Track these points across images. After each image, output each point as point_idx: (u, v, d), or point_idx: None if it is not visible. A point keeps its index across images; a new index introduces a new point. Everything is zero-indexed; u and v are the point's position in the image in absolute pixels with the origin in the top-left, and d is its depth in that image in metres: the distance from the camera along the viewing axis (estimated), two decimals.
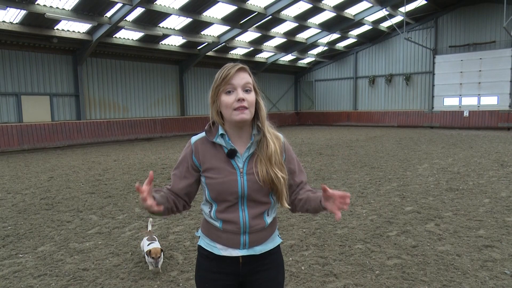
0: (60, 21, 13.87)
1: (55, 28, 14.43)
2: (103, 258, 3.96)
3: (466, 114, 21.25)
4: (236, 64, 1.50)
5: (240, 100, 1.44)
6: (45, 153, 13.66)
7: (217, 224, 1.54)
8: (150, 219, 2.45)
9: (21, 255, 4.08)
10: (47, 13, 12.70)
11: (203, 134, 1.57)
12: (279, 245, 1.67)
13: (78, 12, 13.66)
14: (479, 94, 21.18)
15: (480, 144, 13.34)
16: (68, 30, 14.83)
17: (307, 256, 3.92)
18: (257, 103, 1.53)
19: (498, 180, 7.32)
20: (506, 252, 3.87)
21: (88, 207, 5.98)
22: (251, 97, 1.48)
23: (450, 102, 22.13)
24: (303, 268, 3.64)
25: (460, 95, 21.75)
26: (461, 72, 21.54)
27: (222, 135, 1.51)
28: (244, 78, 1.48)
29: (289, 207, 1.58)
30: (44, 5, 12.79)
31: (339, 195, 1.41)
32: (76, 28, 14.91)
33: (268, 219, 1.57)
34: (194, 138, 1.58)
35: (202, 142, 1.55)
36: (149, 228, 2.28)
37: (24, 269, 3.72)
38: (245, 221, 1.51)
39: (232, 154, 1.50)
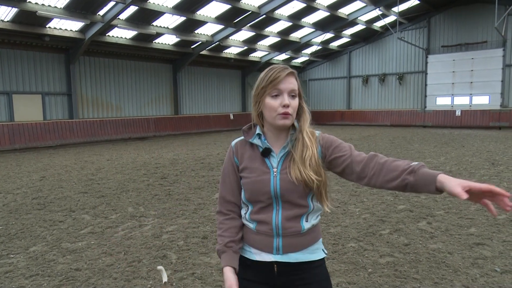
0: (52, 19, 13.74)
1: (47, 26, 14.30)
2: (95, 258, 3.94)
3: (458, 113, 21.45)
4: (285, 67, 1.46)
5: (286, 106, 1.43)
6: (37, 153, 13.54)
7: (252, 226, 1.51)
8: (160, 268, 2.07)
9: (12, 255, 4.04)
10: (39, 11, 12.57)
11: (242, 137, 1.57)
12: (323, 259, 1.54)
13: (71, 10, 13.55)
14: (471, 94, 21.39)
15: (472, 143, 13.47)
16: (60, 29, 14.70)
17: None
18: (300, 108, 1.52)
19: (489, 179, 7.40)
20: (496, 250, 3.92)
21: (80, 207, 5.94)
22: (295, 103, 1.47)
23: (443, 101, 22.32)
24: None
25: (452, 95, 21.96)
26: (453, 71, 21.74)
27: (259, 135, 1.51)
28: (292, 83, 1.46)
29: (329, 211, 1.52)
30: (36, 3, 12.67)
31: (481, 188, 1.18)
32: (68, 26, 14.78)
33: (306, 225, 1.48)
34: (234, 141, 1.59)
35: (241, 144, 1.56)
36: (164, 279, 1.89)
37: (15, 270, 3.68)
38: (278, 222, 1.45)
39: (266, 152, 1.49)
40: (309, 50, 25.05)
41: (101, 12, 14.19)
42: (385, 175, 1.37)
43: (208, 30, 18.23)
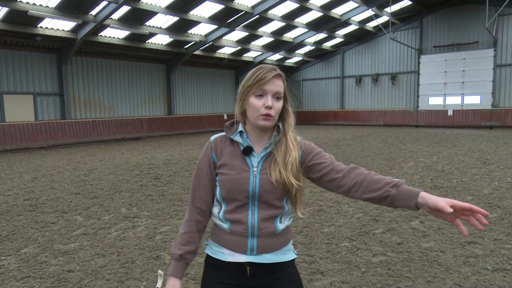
0: (44, 19, 13.62)
1: (38, 26, 14.17)
2: (88, 259, 3.91)
3: (450, 113, 21.64)
4: (273, 68, 1.46)
5: (268, 107, 1.42)
6: (29, 153, 13.40)
7: (225, 226, 1.48)
8: (160, 272, 1.95)
9: (3, 258, 4.00)
10: (30, 11, 12.45)
11: (223, 133, 1.56)
12: (293, 260, 1.55)
13: (62, 10, 13.43)
14: (462, 94, 21.59)
15: (464, 143, 13.60)
16: (52, 28, 14.57)
17: None
18: (285, 110, 1.51)
19: (481, 178, 7.48)
20: (488, 248, 3.96)
21: (73, 208, 5.89)
22: (279, 105, 1.46)
23: (435, 101, 22.51)
24: None
25: (445, 95, 22.15)
26: (445, 71, 21.93)
27: (241, 132, 1.50)
28: (278, 85, 1.45)
29: (302, 216, 1.53)
30: (27, 2, 12.55)
31: (461, 207, 1.24)
32: (60, 26, 14.66)
33: (280, 226, 1.48)
34: (214, 136, 1.57)
35: (221, 139, 1.54)
36: (158, 285, 1.81)
37: (6, 272, 3.64)
38: (254, 222, 1.44)
39: (247, 151, 1.47)
40: (302, 50, 25.12)
41: (93, 12, 14.09)
42: (367, 186, 1.41)
43: (201, 30, 18.20)
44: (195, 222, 1.53)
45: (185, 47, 19.45)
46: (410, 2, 20.70)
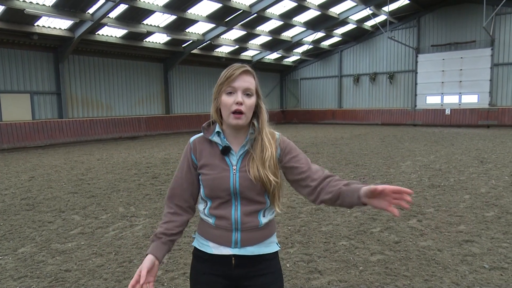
0: (41, 17, 13.56)
1: (35, 24, 14.10)
2: (86, 259, 3.90)
3: (447, 112, 21.70)
4: (242, 66, 1.50)
5: (238, 103, 1.46)
6: (26, 153, 13.35)
7: (210, 220, 1.55)
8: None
9: (0, 257, 3.98)
10: (26, 9, 12.39)
11: (201, 133, 1.60)
12: (277, 252, 1.62)
13: (59, 8, 13.38)
14: (460, 93, 21.65)
15: (461, 142, 13.64)
16: (49, 27, 14.50)
17: (292, 254, 3.94)
18: (258, 107, 1.55)
19: (478, 177, 7.50)
20: (485, 247, 3.97)
21: (70, 207, 5.88)
22: (250, 101, 1.49)
23: (432, 100, 22.56)
24: (288, 265, 3.67)
25: (442, 94, 22.20)
26: (443, 71, 21.98)
27: (218, 133, 1.54)
28: (247, 81, 1.48)
29: (280, 211, 1.58)
30: (24, 1, 12.49)
31: (391, 190, 1.30)
32: (57, 24, 14.59)
33: (263, 220, 1.55)
34: (193, 137, 1.62)
35: (200, 141, 1.59)
36: None
37: (3, 271, 3.63)
38: (237, 217, 1.51)
39: (226, 151, 1.52)
40: (300, 49, 25.11)
41: (91, 11, 14.04)
42: (328, 188, 1.48)
43: (199, 28, 18.16)
44: (171, 214, 1.59)
45: (182, 46, 19.41)
46: (407, 1, 20.72)
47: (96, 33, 15.93)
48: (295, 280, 3.35)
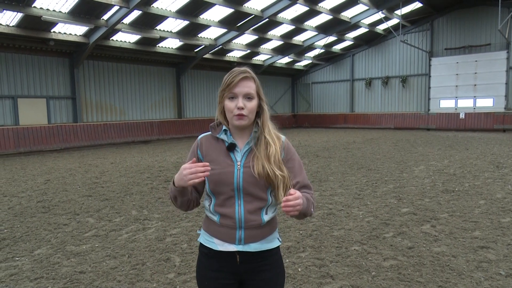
0: (57, 23, 13.86)
1: (51, 30, 14.41)
2: (100, 261, 3.95)
3: (462, 116, 21.37)
4: (241, 71, 1.58)
5: (239, 108, 1.55)
6: (42, 156, 13.61)
7: (215, 218, 1.62)
8: None
9: (17, 258, 4.07)
10: (43, 16, 12.68)
11: (209, 132, 1.70)
12: (278, 247, 1.70)
13: (75, 15, 13.66)
14: (474, 96, 21.31)
15: (476, 146, 13.41)
16: (64, 33, 14.81)
17: (303, 258, 3.93)
18: (261, 108, 1.64)
19: (494, 182, 7.36)
20: (501, 253, 3.90)
21: (84, 210, 5.97)
22: (251, 104, 1.58)
23: (446, 104, 22.26)
24: (299, 269, 3.66)
25: (456, 97, 21.88)
26: (457, 74, 21.69)
27: (225, 130, 1.63)
28: (247, 86, 1.57)
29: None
30: (41, 8, 12.78)
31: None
32: (72, 30, 14.89)
33: (266, 217, 1.62)
34: (201, 135, 1.72)
35: (207, 138, 1.68)
36: None
37: (20, 272, 3.71)
38: (241, 216, 1.57)
39: (231, 147, 1.60)
40: (312, 53, 25.09)
41: (105, 17, 14.30)
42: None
43: (211, 33, 18.31)
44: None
45: (195, 50, 19.58)
46: (420, 5, 20.54)
47: (110, 39, 16.20)
48: (307, 285, 3.34)
